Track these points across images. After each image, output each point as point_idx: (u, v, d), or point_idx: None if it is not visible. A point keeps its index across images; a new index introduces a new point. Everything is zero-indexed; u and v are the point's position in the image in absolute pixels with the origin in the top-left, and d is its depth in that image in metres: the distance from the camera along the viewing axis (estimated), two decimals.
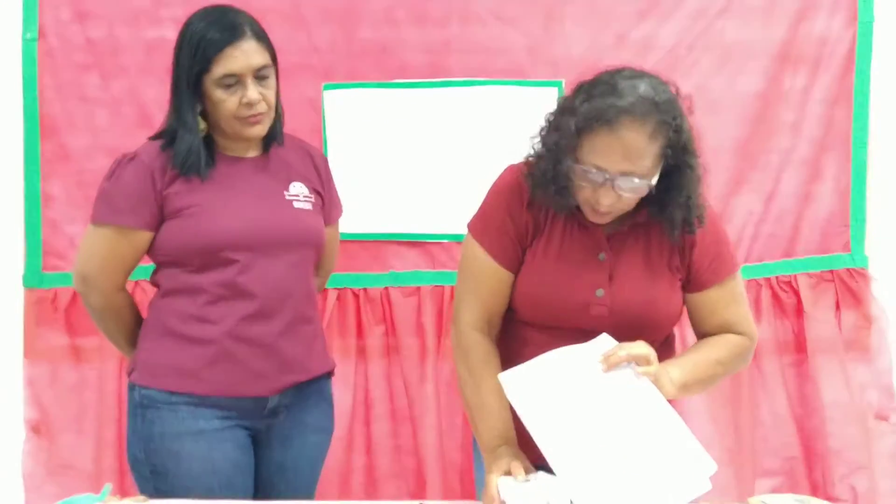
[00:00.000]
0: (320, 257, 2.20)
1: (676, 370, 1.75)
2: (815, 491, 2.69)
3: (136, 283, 2.54)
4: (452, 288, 2.72)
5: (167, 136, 2.05)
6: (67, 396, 2.76)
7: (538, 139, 1.82)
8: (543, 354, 1.73)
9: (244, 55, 1.98)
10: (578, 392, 1.68)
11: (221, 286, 2.00)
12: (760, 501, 1.76)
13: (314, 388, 2.14)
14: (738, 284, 1.89)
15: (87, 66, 2.73)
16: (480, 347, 1.85)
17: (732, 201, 2.75)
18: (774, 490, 2.69)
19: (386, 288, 2.75)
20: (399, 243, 2.77)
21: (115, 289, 2.10)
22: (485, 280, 1.86)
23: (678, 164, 1.74)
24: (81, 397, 2.76)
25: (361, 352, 2.75)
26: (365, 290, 2.74)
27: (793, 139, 2.75)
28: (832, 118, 2.74)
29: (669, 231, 1.80)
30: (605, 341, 1.74)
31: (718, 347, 1.86)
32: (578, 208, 1.80)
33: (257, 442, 2.11)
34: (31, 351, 2.74)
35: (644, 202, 1.78)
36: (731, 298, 1.87)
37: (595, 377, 1.69)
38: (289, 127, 2.23)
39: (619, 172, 1.68)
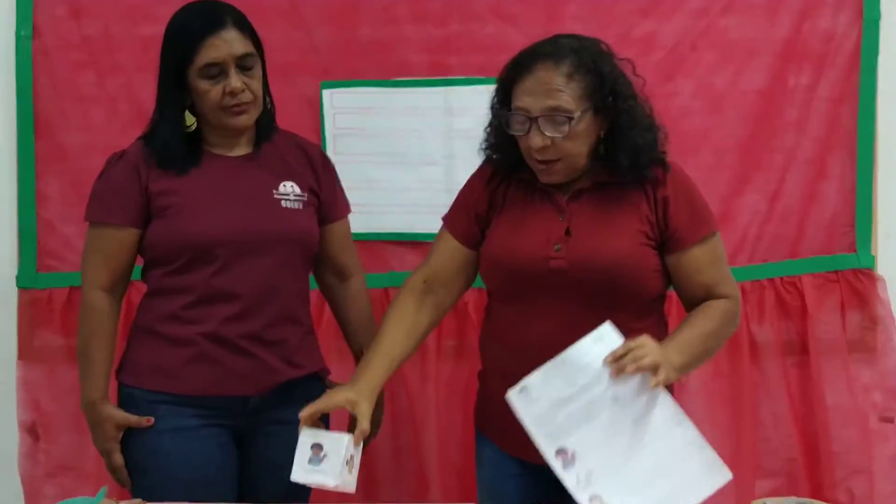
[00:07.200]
0: (325, 257, 2.20)
1: (676, 354, 1.79)
2: (815, 493, 2.67)
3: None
4: None
5: (150, 132, 2.07)
6: (65, 398, 2.72)
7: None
8: (548, 363, 1.75)
9: (226, 44, 1.99)
10: (588, 405, 1.72)
11: (202, 286, 2.01)
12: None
13: (302, 387, 2.11)
14: (718, 245, 1.94)
15: (82, 64, 2.71)
16: (400, 305, 2.00)
17: (736, 201, 2.71)
18: (774, 491, 2.66)
19: (385, 288, 2.72)
20: (398, 243, 2.75)
21: (104, 288, 2.08)
22: (437, 245, 2.05)
23: (614, 110, 1.83)
24: (79, 399, 2.73)
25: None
26: None
27: (797, 138, 2.71)
28: (837, 116, 2.71)
29: (622, 177, 1.86)
30: (608, 332, 1.75)
31: (708, 319, 1.89)
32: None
33: (241, 441, 2.10)
34: (26, 352, 2.72)
35: (601, 160, 1.87)
36: (713, 258, 1.92)
37: (603, 386, 1.72)
38: (287, 125, 2.22)
39: (541, 111, 1.79)
